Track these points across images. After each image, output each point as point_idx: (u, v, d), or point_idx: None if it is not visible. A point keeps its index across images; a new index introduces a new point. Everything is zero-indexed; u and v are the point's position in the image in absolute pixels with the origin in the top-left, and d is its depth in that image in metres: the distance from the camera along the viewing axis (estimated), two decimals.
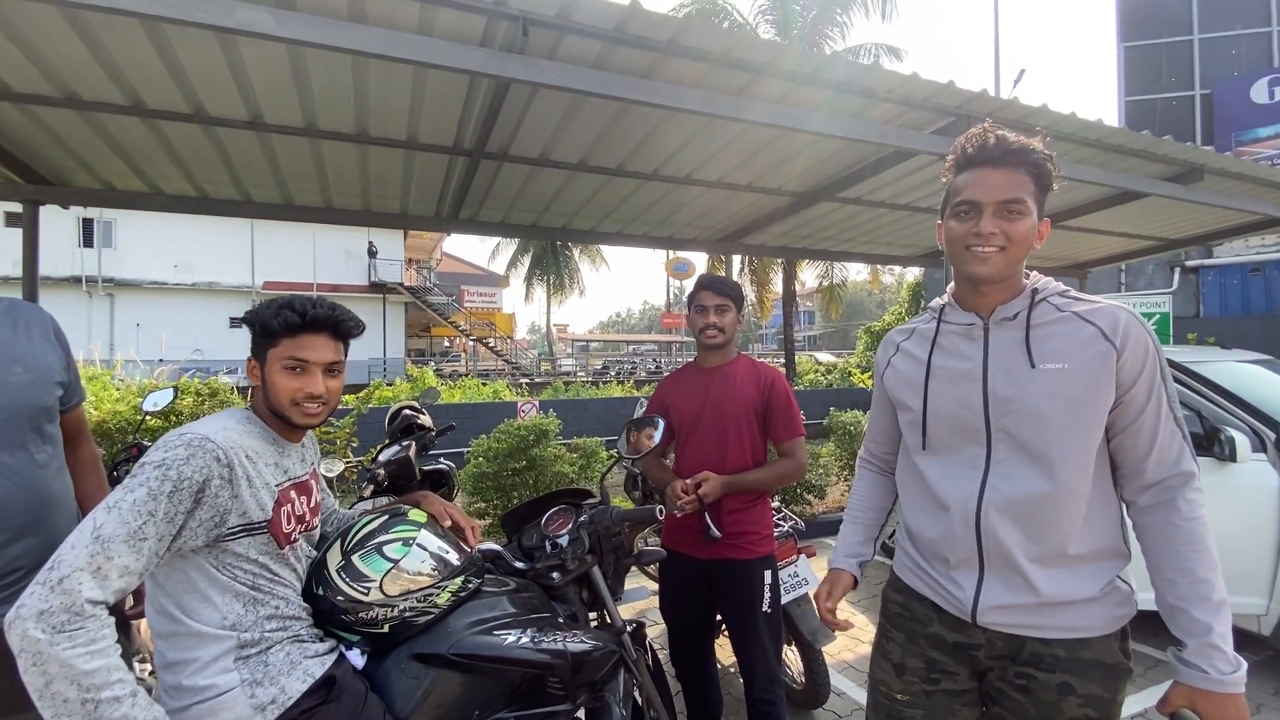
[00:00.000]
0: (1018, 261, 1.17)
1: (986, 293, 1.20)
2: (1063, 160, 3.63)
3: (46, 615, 0.95)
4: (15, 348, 1.36)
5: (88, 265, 20.35)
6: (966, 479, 1.20)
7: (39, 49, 2.31)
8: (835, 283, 19.91)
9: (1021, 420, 1.14)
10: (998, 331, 1.20)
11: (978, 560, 1.18)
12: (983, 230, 1.13)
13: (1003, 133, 1.15)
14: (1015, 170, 1.14)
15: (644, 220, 4.71)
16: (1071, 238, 5.76)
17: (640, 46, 2.35)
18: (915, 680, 1.29)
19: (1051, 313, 1.17)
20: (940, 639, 1.26)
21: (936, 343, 1.28)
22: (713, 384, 2.20)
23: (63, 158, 3.26)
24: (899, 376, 1.35)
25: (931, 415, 1.25)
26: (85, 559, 0.99)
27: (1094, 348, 1.11)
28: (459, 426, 4.02)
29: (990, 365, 1.19)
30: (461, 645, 1.40)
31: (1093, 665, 1.13)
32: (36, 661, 0.94)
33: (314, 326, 1.29)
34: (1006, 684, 1.19)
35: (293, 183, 3.75)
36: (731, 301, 2.18)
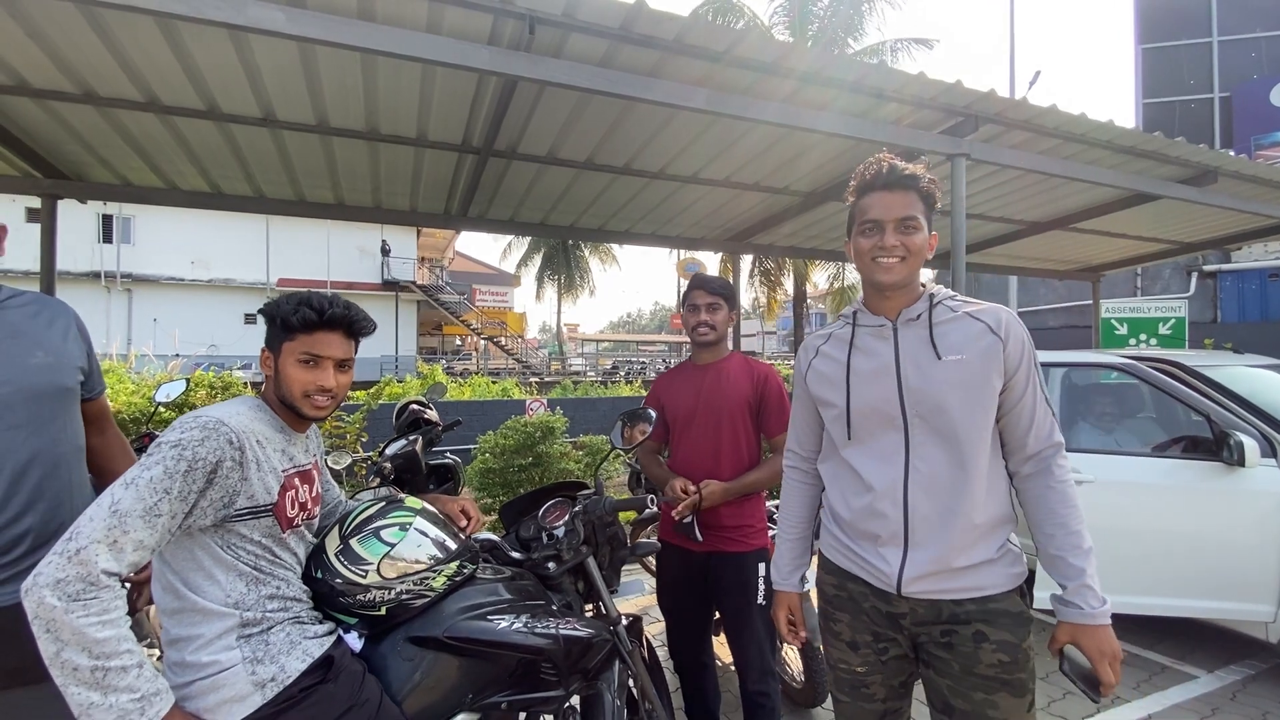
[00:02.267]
0: (916, 269, 1.36)
1: (892, 297, 1.38)
2: (1073, 162, 3.63)
3: (62, 584, 0.98)
4: (37, 335, 1.42)
5: (106, 261, 20.71)
6: (891, 464, 1.35)
7: (58, 46, 2.37)
8: (846, 285, 19.80)
9: (931, 406, 1.31)
10: (905, 330, 1.37)
11: (903, 536, 1.33)
12: (886, 243, 1.32)
13: (894, 162, 1.35)
14: (908, 192, 1.34)
15: (651, 219, 4.73)
16: (1084, 241, 5.71)
17: (646, 45, 2.37)
18: (869, 653, 1.42)
19: (947, 313, 1.35)
20: (878, 611, 1.39)
21: (853, 344, 1.43)
22: (706, 380, 2.24)
23: (81, 153, 3.33)
24: (820, 377, 1.48)
25: (854, 409, 1.40)
26: (102, 531, 1.02)
27: (984, 340, 1.30)
28: (468, 423, 4.06)
29: (902, 360, 1.35)
30: (456, 629, 1.43)
31: (1000, 614, 1.29)
32: (50, 628, 0.98)
33: (330, 324, 1.33)
34: (932, 643, 1.34)
35: (305, 179, 3.80)
36: (723, 300, 2.23)
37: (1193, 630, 3.57)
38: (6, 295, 1.42)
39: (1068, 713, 2.78)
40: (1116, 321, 8.53)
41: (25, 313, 1.42)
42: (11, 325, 1.38)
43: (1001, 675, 1.27)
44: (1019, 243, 5.57)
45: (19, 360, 1.35)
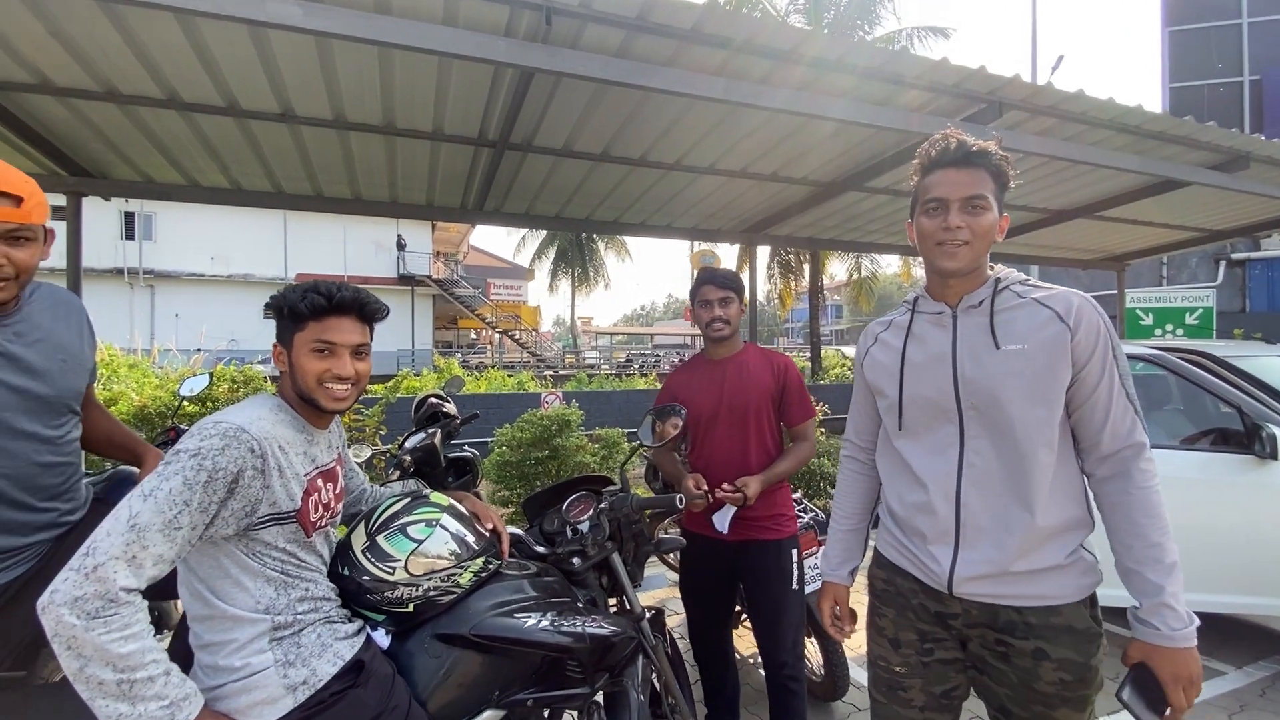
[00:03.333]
0: (982, 254, 1.27)
1: (954, 284, 1.31)
2: (1100, 148, 3.54)
3: (80, 602, 0.96)
4: (58, 336, 1.44)
5: (129, 257, 21.02)
6: (944, 457, 1.29)
7: (80, 44, 2.39)
8: (865, 275, 19.58)
9: (987, 398, 1.24)
10: (965, 318, 1.30)
11: (954, 533, 1.26)
12: (951, 224, 1.23)
13: (963, 137, 1.26)
14: (977, 170, 1.24)
15: (667, 211, 4.70)
16: (1108, 229, 5.59)
17: (662, 34, 2.34)
18: (911, 652, 1.35)
19: (1013, 299, 1.27)
20: (926, 609, 1.33)
21: (910, 332, 1.37)
22: (727, 376, 2.21)
23: (103, 150, 3.37)
24: (877, 365, 1.43)
25: (907, 399, 1.34)
26: (120, 547, 1.00)
27: (1050, 329, 1.20)
28: (484, 416, 4.07)
29: (959, 349, 1.28)
30: (482, 626, 1.42)
31: (1064, 631, 1.20)
32: (71, 645, 0.96)
33: (340, 309, 1.29)
34: (988, 651, 1.27)
35: (322, 174, 3.82)
36: (734, 292, 2.20)
37: (1221, 625, 3.50)
38: (29, 292, 1.44)
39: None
40: (1142, 311, 8.36)
41: (45, 312, 1.45)
42: (37, 329, 1.40)
43: (1063, 693, 1.20)
44: (1041, 231, 5.46)
45: (43, 367, 1.39)
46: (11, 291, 1.29)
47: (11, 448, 1.33)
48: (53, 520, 1.43)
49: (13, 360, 1.32)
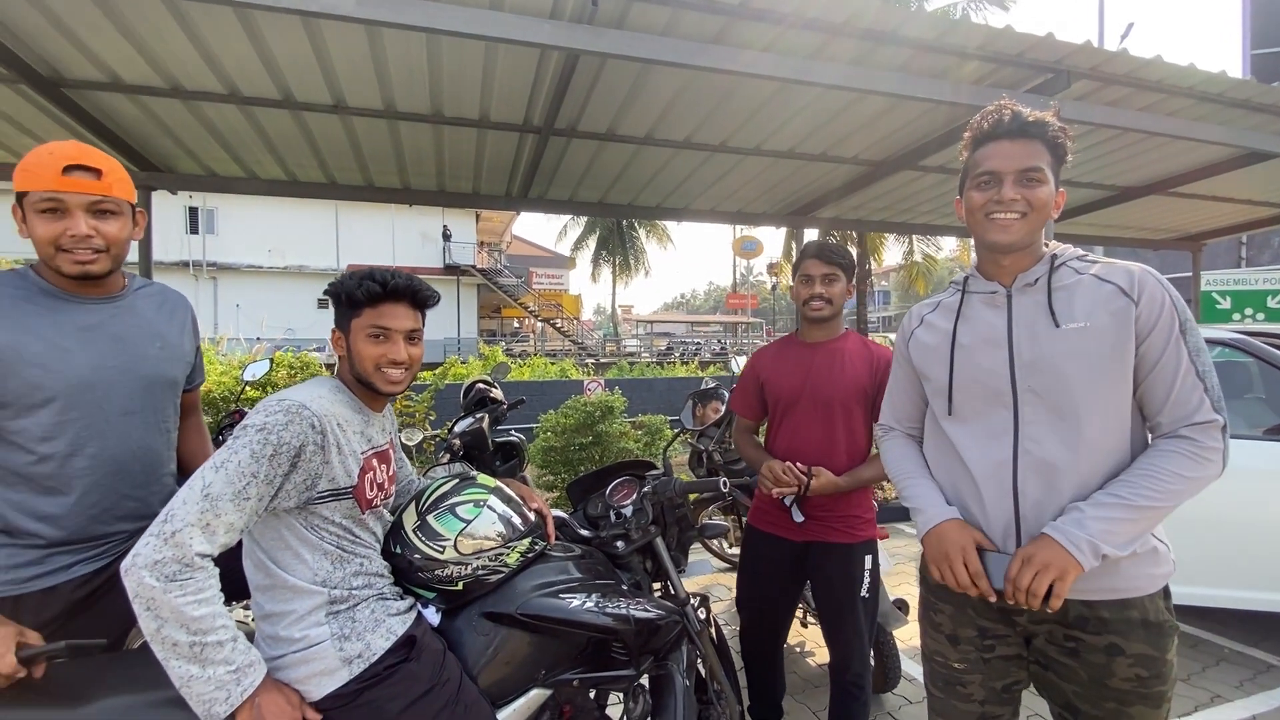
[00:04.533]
0: (1037, 228, 1.21)
1: (1008, 261, 1.24)
2: (1177, 119, 3.32)
3: (160, 565, 1.02)
4: (158, 326, 1.51)
5: (193, 250, 22.11)
6: (998, 444, 1.22)
7: (148, 42, 2.49)
8: (923, 257, 18.86)
9: (1047, 380, 1.17)
10: (1020, 297, 1.23)
11: (1015, 525, 1.19)
12: (1004, 197, 1.18)
13: (1018, 108, 1.20)
14: (1032, 141, 1.18)
15: (711, 194, 4.63)
16: (1183, 206, 5.25)
17: (710, 10, 2.29)
18: (971, 649, 1.30)
19: (1071, 275, 1.20)
20: (986, 605, 1.26)
21: (961, 313, 1.31)
22: (817, 361, 2.04)
23: (170, 145, 3.53)
24: (922, 347, 1.37)
25: (958, 382, 1.28)
26: (196, 515, 1.05)
27: (1113, 304, 1.15)
28: (529, 402, 4.13)
29: (1015, 329, 1.22)
30: (529, 606, 1.44)
31: (1139, 625, 1.15)
32: (150, 606, 1.02)
33: (394, 295, 1.33)
34: (1055, 647, 1.21)
35: (373, 164, 3.91)
36: (841, 270, 1.99)
37: None
38: (138, 285, 1.52)
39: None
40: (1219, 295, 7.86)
41: (151, 303, 1.52)
42: (138, 314, 1.47)
43: (1139, 690, 1.15)
44: (1110, 210, 5.17)
45: (141, 350, 1.44)
46: (105, 264, 1.34)
47: (117, 427, 1.39)
48: (143, 510, 1.47)
49: (113, 338, 1.39)
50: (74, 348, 1.33)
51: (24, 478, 1.31)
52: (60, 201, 1.25)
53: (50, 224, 1.26)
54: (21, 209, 1.27)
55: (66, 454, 1.33)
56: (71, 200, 1.26)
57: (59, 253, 1.28)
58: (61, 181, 1.24)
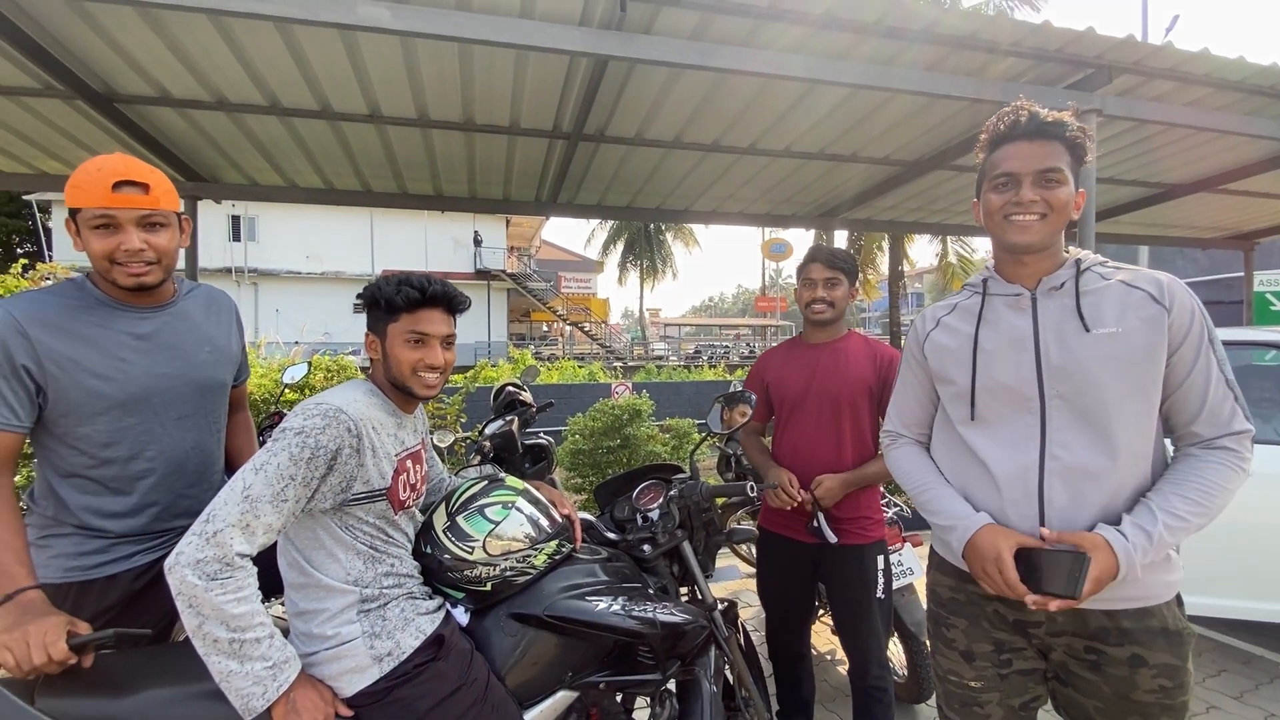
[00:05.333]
0: (1057, 230, 1.19)
1: (1029, 263, 1.22)
2: (1229, 113, 3.19)
3: (202, 564, 1.05)
4: (207, 330, 1.56)
5: (236, 257, 22.86)
6: (1023, 450, 1.19)
7: (195, 59, 2.59)
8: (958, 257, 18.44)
9: (1078, 385, 1.15)
10: (1046, 301, 1.21)
11: (1039, 534, 1.16)
12: (1023, 198, 1.16)
13: (1035, 109, 1.19)
14: (1050, 142, 1.17)
15: (740, 196, 4.61)
16: (1234, 204, 5.03)
17: (738, 14, 2.28)
18: (987, 665, 1.26)
19: (1097, 280, 1.18)
20: (1001, 618, 1.24)
21: (983, 315, 1.28)
22: (821, 361, 2.09)
23: (215, 156, 3.66)
24: (941, 350, 1.33)
25: (981, 387, 1.25)
26: (236, 515, 1.09)
27: (1145, 310, 1.13)
28: (557, 405, 4.15)
29: (1042, 333, 1.20)
30: (556, 608, 1.45)
31: (1159, 634, 1.13)
32: (192, 604, 1.05)
33: (431, 301, 1.35)
34: (1075, 660, 1.18)
35: (407, 172, 4.00)
36: (843, 274, 2.04)
37: None
38: (187, 290, 1.58)
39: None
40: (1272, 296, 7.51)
41: (199, 307, 1.57)
42: (189, 320, 1.52)
43: (1163, 701, 1.12)
44: (1156, 208, 4.98)
45: (192, 355, 1.50)
46: (157, 275, 1.40)
47: (173, 431, 1.46)
48: (196, 507, 1.53)
49: (167, 347, 1.45)
50: (131, 357, 1.39)
51: (90, 479, 1.38)
52: (112, 217, 1.30)
53: (104, 239, 1.31)
54: (75, 224, 1.33)
55: (127, 458, 1.39)
56: (122, 215, 1.31)
57: (114, 266, 1.34)
58: (112, 198, 1.29)
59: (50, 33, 2.39)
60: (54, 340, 1.30)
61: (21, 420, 1.28)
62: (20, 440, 1.30)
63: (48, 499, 1.38)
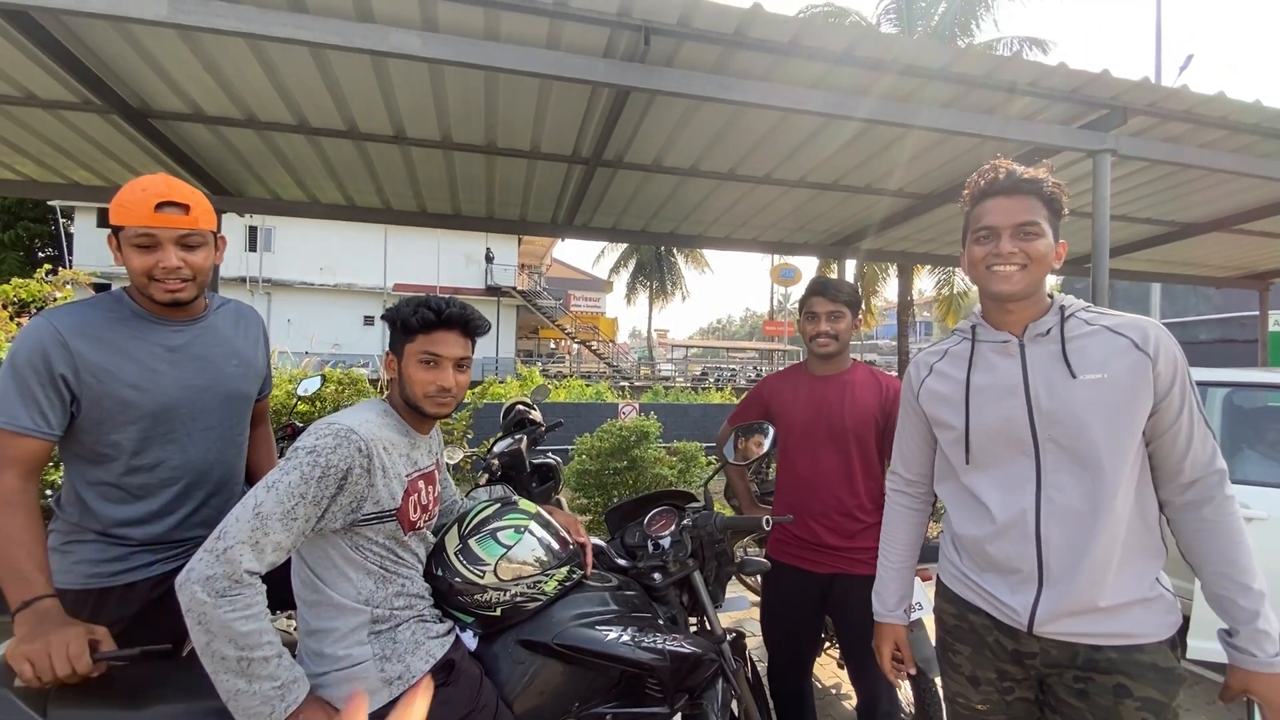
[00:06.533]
0: (1039, 279, 1.24)
1: (1014, 310, 1.27)
2: (1244, 155, 3.21)
3: (211, 580, 1.06)
4: (235, 343, 1.60)
5: (251, 267, 23.15)
6: (1020, 493, 1.24)
7: (229, 78, 2.67)
8: (957, 292, 18.54)
9: (1068, 430, 1.19)
10: (1033, 347, 1.26)
11: (1037, 572, 1.21)
12: (1002, 250, 1.22)
13: (1012, 167, 1.26)
14: (1028, 197, 1.23)
15: (754, 224, 4.65)
16: (1249, 243, 5.04)
17: (760, 49, 2.33)
18: (992, 690, 1.31)
19: (1082, 327, 1.23)
20: (1002, 648, 1.29)
21: (973, 361, 1.33)
22: (829, 393, 2.07)
23: (241, 171, 3.74)
24: (935, 396, 1.38)
25: (975, 430, 1.29)
26: (246, 533, 1.10)
27: (1129, 357, 1.17)
28: (564, 424, 4.16)
29: (1031, 379, 1.24)
30: (565, 636, 1.44)
31: (1148, 668, 1.16)
32: (201, 620, 1.05)
33: (448, 324, 1.38)
34: (1064, 688, 1.22)
35: (427, 191, 4.07)
36: (846, 307, 2.04)
37: None
38: (218, 304, 1.62)
39: None
40: None
41: (228, 321, 1.61)
42: (218, 334, 1.56)
43: None
44: (1169, 246, 4.99)
45: (220, 368, 1.53)
46: (191, 292, 1.44)
47: (198, 441, 1.49)
48: (216, 518, 1.55)
49: (197, 359, 1.49)
50: (163, 369, 1.43)
51: (115, 487, 1.41)
52: (153, 236, 1.35)
53: (144, 256, 1.36)
54: (118, 240, 1.37)
55: (153, 466, 1.42)
56: (163, 235, 1.36)
57: (151, 282, 1.38)
58: (154, 218, 1.33)
59: (93, 50, 2.47)
60: (92, 351, 1.34)
61: (53, 428, 1.31)
62: (49, 448, 1.33)
63: (73, 505, 1.41)
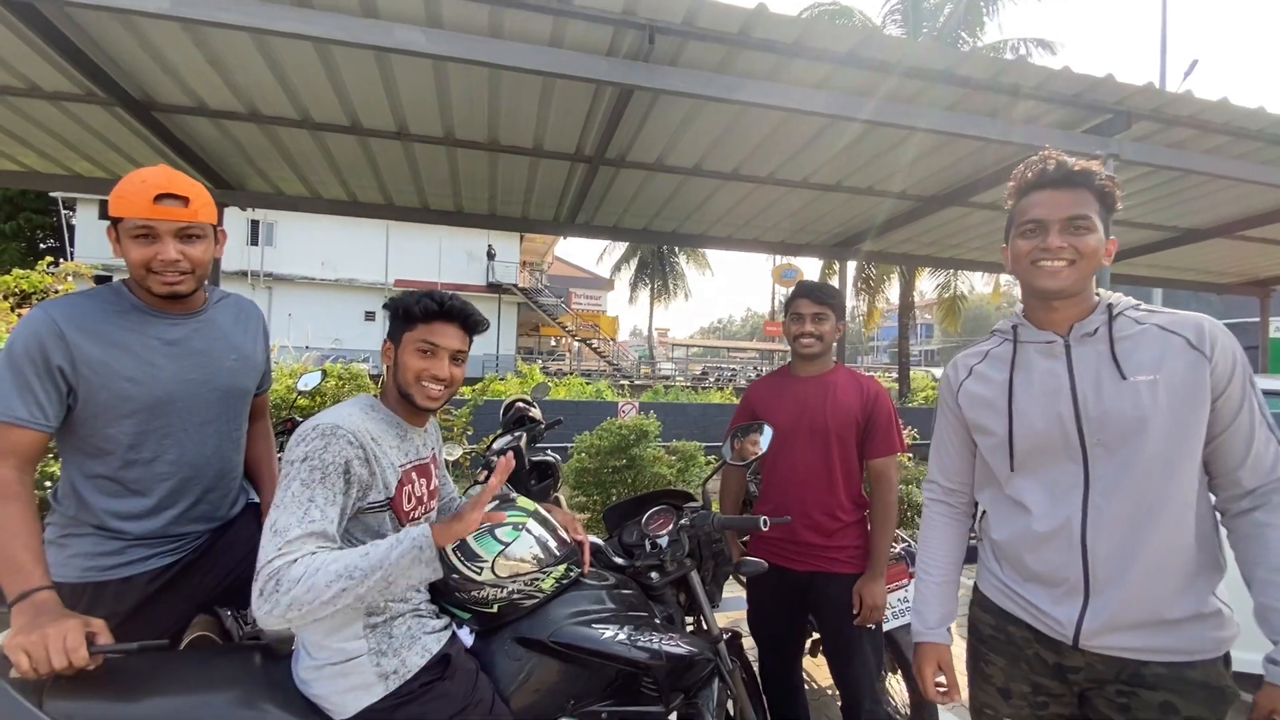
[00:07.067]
0: (1087, 276, 1.18)
1: (1060, 308, 1.21)
2: (1248, 161, 3.21)
3: (264, 596, 1.09)
4: (234, 338, 1.59)
5: (253, 261, 23.14)
6: (1066, 500, 1.18)
7: (233, 72, 2.67)
8: (957, 295, 18.55)
9: (1118, 434, 1.13)
10: (1079, 347, 1.19)
11: (1083, 582, 1.16)
12: (1050, 245, 1.16)
13: (1063, 158, 1.19)
14: (1079, 190, 1.17)
15: (756, 224, 4.65)
16: (1251, 249, 5.03)
17: (764, 49, 2.33)
18: (1023, 704, 1.26)
19: (1132, 326, 1.17)
20: (1042, 661, 1.23)
21: (1016, 363, 1.26)
22: (811, 394, 2.11)
23: (243, 165, 3.74)
24: (976, 400, 1.32)
25: (1019, 436, 1.23)
26: (274, 551, 1.13)
27: (1184, 357, 1.11)
28: (563, 422, 4.17)
29: (1078, 381, 1.18)
30: (561, 634, 1.45)
31: (1198, 686, 1.10)
32: (313, 611, 1.09)
33: (448, 316, 1.39)
34: (1105, 702, 1.17)
35: (430, 188, 4.07)
36: (830, 310, 2.09)
37: None
38: (218, 298, 1.61)
39: None
40: None
41: (228, 315, 1.61)
42: (217, 328, 1.56)
43: None
44: (1171, 251, 4.99)
45: (218, 362, 1.53)
46: (190, 284, 1.43)
47: (195, 435, 1.48)
48: (213, 513, 1.57)
49: (195, 353, 1.49)
50: (160, 362, 1.42)
51: (112, 480, 1.40)
52: (151, 228, 1.34)
53: (143, 248, 1.35)
54: (116, 232, 1.37)
55: (149, 460, 1.42)
56: (162, 227, 1.35)
57: (150, 274, 1.37)
58: (153, 210, 1.33)
59: (97, 43, 2.47)
60: (89, 343, 1.33)
61: (49, 420, 1.30)
62: (45, 440, 1.32)
63: (69, 499, 1.40)
